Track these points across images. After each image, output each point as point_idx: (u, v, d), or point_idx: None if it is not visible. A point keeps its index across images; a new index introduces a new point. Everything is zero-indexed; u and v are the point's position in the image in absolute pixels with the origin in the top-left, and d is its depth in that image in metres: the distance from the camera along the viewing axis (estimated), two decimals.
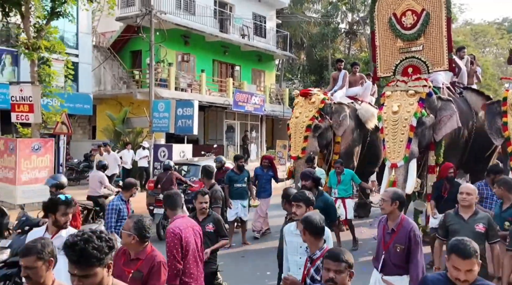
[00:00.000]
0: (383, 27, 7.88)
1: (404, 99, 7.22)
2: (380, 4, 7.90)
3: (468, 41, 38.50)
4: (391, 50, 7.86)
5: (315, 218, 3.30)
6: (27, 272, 2.54)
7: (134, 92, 19.26)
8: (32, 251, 2.56)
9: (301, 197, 3.91)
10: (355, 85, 10.46)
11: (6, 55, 15.41)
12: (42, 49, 10.51)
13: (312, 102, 8.84)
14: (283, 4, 27.38)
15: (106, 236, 2.28)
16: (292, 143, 8.80)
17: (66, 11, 10.71)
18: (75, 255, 2.15)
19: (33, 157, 10.94)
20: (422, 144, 7.34)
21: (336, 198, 8.00)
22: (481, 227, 4.19)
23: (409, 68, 7.58)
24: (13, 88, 10.87)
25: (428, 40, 7.52)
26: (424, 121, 7.10)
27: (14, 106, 10.85)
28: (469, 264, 2.59)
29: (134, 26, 19.63)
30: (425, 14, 7.44)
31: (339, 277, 2.55)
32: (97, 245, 2.18)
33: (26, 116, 10.73)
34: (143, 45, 19.96)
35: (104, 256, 2.21)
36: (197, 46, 21.87)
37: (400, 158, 6.96)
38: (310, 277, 3.27)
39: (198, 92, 20.93)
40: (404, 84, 7.41)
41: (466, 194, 4.30)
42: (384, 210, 3.99)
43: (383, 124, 7.33)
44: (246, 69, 25.61)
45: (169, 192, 4.23)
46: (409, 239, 3.86)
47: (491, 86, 33.21)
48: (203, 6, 21.95)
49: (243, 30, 24.39)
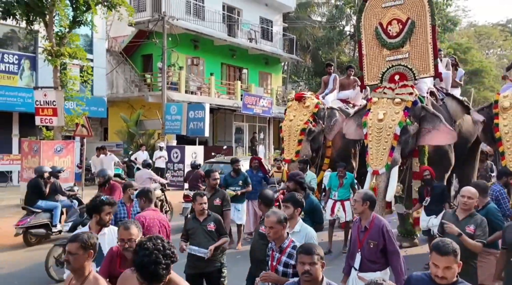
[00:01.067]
0: (369, 37, 7.96)
1: (390, 107, 7.27)
2: (366, 14, 8.01)
3: (472, 43, 38.91)
4: (377, 59, 7.93)
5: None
6: (68, 257, 2.82)
7: (145, 95, 19.84)
8: (78, 239, 2.85)
9: (290, 198, 4.13)
10: (348, 88, 10.54)
11: (25, 61, 16.01)
12: (65, 55, 11.07)
13: (306, 106, 8.93)
14: (289, 8, 27.91)
15: (170, 251, 2.45)
16: (286, 146, 8.83)
17: (87, 20, 11.26)
18: (148, 276, 2.38)
19: (55, 158, 11.53)
20: (405, 151, 7.38)
21: (336, 200, 8.13)
22: (472, 229, 4.28)
23: (396, 75, 7.64)
24: (37, 93, 11.45)
25: (413, 47, 7.60)
26: (408, 130, 7.15)
27: (38, 110, 11.44)
28: (447, 261, 2.72)
29: (146, 31, 20.27)
30: (410, 22, 7.53)
31: (313, 269, 2.84)
32: (165, 265, 2.37)
33: (50, 120, 11.32)
34: (154, 49, 20.58)
35: (169, 271, 2.45)
36: (206, 50, 22.43)
37: (382, 166, 7.00)
38: (283, 264, 3.51)
39: (207, 95, 21.49)
40: (391, 92, 7.47)
41: (467, 198, 4.37)
42: (356, 210, 4.21)
43: (367, 130, 7.35)
44: (254, 72, 26.15)
45: (145, 189, 4.89)
46: (382, 235, 4.01)
47: (494, 88, 33.57)
48: (212, 11, 22.53)
49: (250, 34, 24.94)
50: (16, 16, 10.79)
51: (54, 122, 11.27)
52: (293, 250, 3.44)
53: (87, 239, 2.85)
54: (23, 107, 15.73)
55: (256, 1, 25.31)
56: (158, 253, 2.35)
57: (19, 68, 15.89)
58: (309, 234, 4.01)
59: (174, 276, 2.59)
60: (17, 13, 10.71)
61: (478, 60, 34.33)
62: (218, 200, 4.97)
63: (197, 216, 4.77)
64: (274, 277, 3.53)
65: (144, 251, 2.37)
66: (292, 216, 4.01)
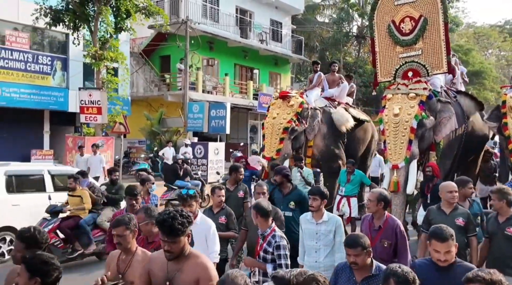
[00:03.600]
0: (382, 34, 8.02)
1: (405, 102, 7.35)
2: (379, 11, 8.06)
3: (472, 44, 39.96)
4: (390, 56, 8.01)
5: (264, 204, 3.96)
6: (118, 239, 3.23)
7: (165, 95, 20.87)
8: (121, 222, 3.25)
9: (316, 191, 4.34)
10: (333, 85, 10.39)
11: (57, 62, 17.01)
12: (108, 59, 12.12)
13: (290, 105, 8.81)
14: (298, 11, 28.96)
15: (186, 214, 2.85)
16: (267, 144, 8.62)
17: (127, 27, 12.30)
18: (166, 229, 2.73)
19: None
20: (423, 145, 7.45)
21: (342, 196, 8.25)
22: (461, 221, 4.52)
23: (409, 72, 7.71)
24: (82, 93, 12.49)
25: (426, 44, 7.66)
26: (425, 123, 7.20)
27: (83, 109, 12.48)
28: (447, 246, 3.03)
29: (164, 33, 21.27)
30: (422, 20, 7.60)
31: (358, 259, 3.05)
32: (181, 221, 2.75)
33: (94, 118, 12.36)
34: (171, 50, 21.63)
35: (185, 229, 2.79)
36: (221, 51, 23.46)
37: (401, 160, 7.08)
38: (263, 250, 3.84)
39: (222, 94, 22.54)
40: (405, 87, 7.53)
41: (455, 192, 4.69)
42: (369, 209, 4.24)
43: (384, 126, 7.40)
44: (264, 72, 27.22)
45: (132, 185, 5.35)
46: (395, 235, 4.07)
47: (494, 89, 34.63)
48: (227, 14, 23.57)
49: (261, 35, 26.00)
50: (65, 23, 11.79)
51: (99, 120, 12.32)
52: (272, 238, 3.84)
53: (129, 221, 3.27)
54: (56, 106, 16.76)
55: (267, 4, 26.36)
56: (176, 213, 2.78)
57: (51, 69, 16.89)
58: (338, 222, 4.32)
59: (194, 250, 2.96)
60: (66, 20, 11.71)
61: (478, 62, 35.35)
62: (224, 218, 5.04)
63: (213, 208, 5.08)
64: (251, 262, 3.98)
65: (165, 212, 2.85)
66: (319, 208, 4.27)
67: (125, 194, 5.16)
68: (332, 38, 31.27)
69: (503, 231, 4.24)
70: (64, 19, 11.56)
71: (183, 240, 2.79)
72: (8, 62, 15.65)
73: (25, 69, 16.09)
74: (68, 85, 17.22)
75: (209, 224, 4.40)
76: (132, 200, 4.88)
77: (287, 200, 5.49)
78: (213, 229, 4.37)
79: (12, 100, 15.38)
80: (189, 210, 4.16)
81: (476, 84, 34.04)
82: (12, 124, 16.19)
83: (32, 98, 15.94)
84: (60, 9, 11.49)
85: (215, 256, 4.29)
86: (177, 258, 2.78)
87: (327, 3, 33.36)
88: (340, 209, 8.20)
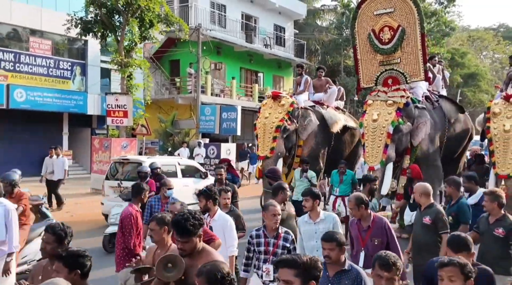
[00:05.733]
0: (363, 42, 8.36)
1: (383, 108, 7.77)
2: (360, 20, 8.40)
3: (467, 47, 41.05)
4: (372, 63, 8.36)
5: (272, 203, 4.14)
6: (151, 233, 3.60)
7: (175, 98, 21.80)
8: (155, 218, 3.60)
9: (308, 193, 4.51)
10: (320, 89, 10.50)
11: (76, 67, 17.94)
12: (132, 66, 13.06)
13: (281, 104, 8.95)
14: (300, 16, 30.01)
15: (198, 216, 3.05)
16: (260, 143, 8.79)
17: (151, 36, 13.25)
18: (180, 230, 2.95)
19: (122, 153, 13.52)
20: (399, 149, 7.84)
21: (337, 196, 8.34)
22: (427, 220, 4.64)
23: (389, 79, 8.12)
24: (109, 98, 13.44)
25: (404, 53, 8.04)
26: (401, 129, 7.61)
27: (109, 112, 13.43)
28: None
29: (174, 39, 22.20)
30: (401, 30, 7.99)
31: (332, 253, 3.17)
32: (193, 223, 2.95)
33: (120, 120, 13.31)
34: (181, 55, 22.57)
35: (197, 230, 2.99)
36: (227, 55, 24.41)
37: (377, 162, 7.54)
38: (281, 247, 4.00)
39: (229, 97, 23.51)
40: (384, 94, 7.95)
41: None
42: (355, 215, 4.33)
43: (363, 130, 7.85)
44: (268, 76, 28.22)
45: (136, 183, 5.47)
46: (385, 232, 4.19)
47: (489, 91, 35.71)
48: (233, 20, 24.57)
49: (265, 40, 27.02)
50: (94, 33, 12.74)
51: (125, 123, 13.27)
52: (287, 234, 4.03)
53: (160, 218, 3.60)
54: (76, 109, 17.67)
55: (271, 10, 27.37)
56: (189, 215, 3.01)
57: (71, 74, 17.81)
58: (334, 219, 4.48)
59: (207, 247, 3.16)
60: (95, 30, 12.66)
61: (474, 64, 36.42)
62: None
63: (222, 209, 5.08)
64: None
65: (180, 214, 3.09)
66: (313, 208, 4.42)
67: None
68: (333, 42, 32.29)
69: (492, 232, 4.39)
70: (94, 29, 12.49)
71: (195, 240, 3.00)
72: (32, 68, 16.56)
73: (47, 74, 17.02)
74: (86, 89, 18.14)
75: (226, 219, 4.63)
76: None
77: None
78: (230, 225, 4.59)
79: (36, 104, 16.29)
80: (199, 204, 4.71)
81: (472, 86, 35.07)
82: (34, 126, 17.09)
83: (54, 101, 16.87)
84: (90, 20, 12.42)
85: (233, 250, 4.51)
86: (190, 254, 2.99)
87: (327, 8, 34.43)
88: (336, 208, 8.31)
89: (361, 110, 32.81)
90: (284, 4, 27.17)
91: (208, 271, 2.39)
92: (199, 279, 2.39)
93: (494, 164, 7.82)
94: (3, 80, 15.38)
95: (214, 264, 2.48)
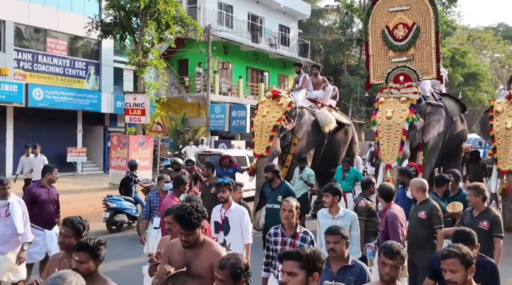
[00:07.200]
0: (376, 38, 8.43)
1: (397, 105, 7.81)
2: (374, 17, 8.47)
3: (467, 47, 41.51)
4: (383, 60, 8.40)
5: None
6: (169, 226, 3.78)
7: (184, 96, 22.37)
8: (170, 211, 3.78)
9: (328, 189, 4.64)
10: (317, 87, 10.51)
11: (90, 67, 18.52)
12: (150, 66, 13.64)
13: (280, 104, 8.91)
14: (304, 16, 30.58)
15: (201, 209, 3.14)
16: (257, 141, 8.71)
17: (167, 37, 13.83)
18: (184, 222, 3.02)
19: (139, 150, 14.12)
20: (413, 146, 7.90)
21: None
22: (422, 214, 4.77)
23: (400, 76, 8.17)
24: (128, 97, 14.02)
25: (418, 51, 8.12)
26: (415, 125, 7.67)
27: (128, 110, 14.01)
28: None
29: (183, 39, 22.78)
30: (415, 27, 8.09)
31: (337, 246, 3.20)
32: (196, 216, 3.04)
33: (138, 118, 13.90)
34: (189, 55, 23.14)
35: (200, 222, 3.08)
36: (234, 55, 24.96)
37: (394, 159, 7.58)
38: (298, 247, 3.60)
39: (236, 96, 24.09)
40: (397, 91, 8.00)
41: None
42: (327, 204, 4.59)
43: (377, 128, 7.83)
44: (273, 75, 28.81)
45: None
46: (385, 222, 4.46)
47: (489, 91, 36.27)
48: (240, 21, 25.16)
49: (271, 40, 27.61)
50: (113, 35, 13.32)
51: (143, 120, 13.86)
52: (306, 235, 3.87)
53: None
54: (90, 107, 18.27)
55: (276, 10, 27.95)
56: (192, 208, 3.07)
57: (86, 73, 18.39)
58: (353, 217, 4.61)
59: (207, 238, 3.25)
60: (114, 32, 13.24)
61: (474, 64, 36.88)
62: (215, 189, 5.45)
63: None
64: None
65: (183, 207, 3.16)
66: (333, 203, 4.56)
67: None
68: (336, 42, 32.86)
69: (477, 225, 4.42)
70: (113, 31, 13.07)
71: (198, 232, 3.08)
72: (49, 67, 17.14)
73: (64, 73, 17.60)
74: (100, 88, 18.73)
75: (242, 210, 4.87)
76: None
77: (276, 194, 6.07)
78: (246, 215, 4.82)
79: (53, 102, 16.88)
80: (221, 195, 4.84)
81: (472, 85, 35.59)
82: (51, 124, 17.67)
83: (70, 100, 17.47)
84: (110, 22, 12.98)
85: (249, 238, 4.77)
86: (193, 246, 3.08)
87: (330, 8, 35.01)
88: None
89: (363, 109, 33.51)
90: (289, 4, 27.77)
91: (232, 264, 2.52)
92: (223, 272, 2.51)
93: (497, 160, 8.23)
94: (22, 80, 15.96)
95: (236, 257, 2.61)
